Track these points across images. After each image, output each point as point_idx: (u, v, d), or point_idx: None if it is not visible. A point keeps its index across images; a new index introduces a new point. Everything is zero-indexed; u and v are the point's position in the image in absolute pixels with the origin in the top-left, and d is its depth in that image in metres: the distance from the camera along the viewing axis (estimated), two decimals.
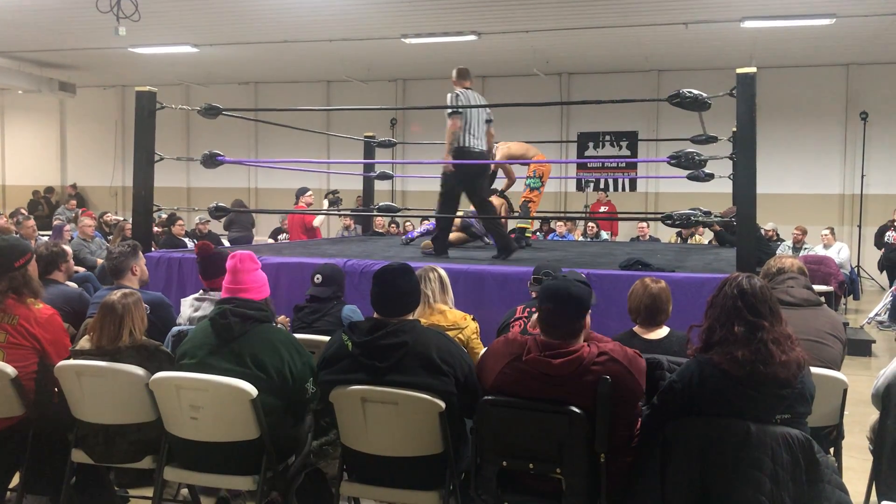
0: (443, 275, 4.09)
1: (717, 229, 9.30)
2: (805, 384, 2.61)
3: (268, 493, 3.16)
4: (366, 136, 8.68)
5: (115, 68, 15.91)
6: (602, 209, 14.18)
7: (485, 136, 6.06)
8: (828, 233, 11.48)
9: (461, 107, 5.83)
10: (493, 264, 5.25)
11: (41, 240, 8.68)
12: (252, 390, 2.98)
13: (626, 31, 11.88)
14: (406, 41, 12.47)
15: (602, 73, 15.21)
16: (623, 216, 14.40)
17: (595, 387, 2.61)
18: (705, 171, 7.02)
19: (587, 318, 2.81)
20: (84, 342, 3.36)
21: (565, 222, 13.21)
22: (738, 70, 4.75)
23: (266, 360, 3.08)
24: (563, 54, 13.65)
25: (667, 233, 12.76)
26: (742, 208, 4.83)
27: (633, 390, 2.68)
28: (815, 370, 2.85)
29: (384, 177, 8.86)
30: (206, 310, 3.96)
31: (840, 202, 14.49)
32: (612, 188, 15.60)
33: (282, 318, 4.25)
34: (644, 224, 12.41)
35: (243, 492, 3.56)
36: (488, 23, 11.54)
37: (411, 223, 12.73)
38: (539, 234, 12.37)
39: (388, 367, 2.88)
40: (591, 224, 12.70)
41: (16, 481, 3.58)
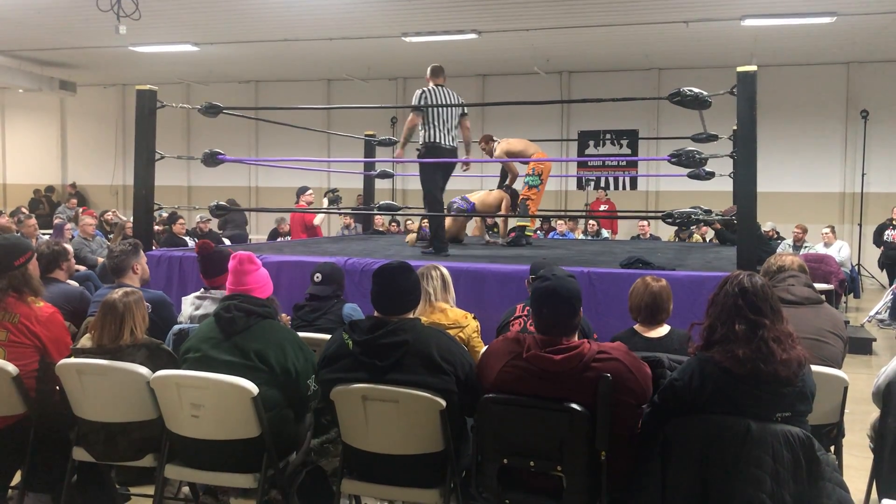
0: (445, 273, 4.10)
1: (717, 228, 9.31)
2: (806, 382, 2.61)
3: (268, 490, 3.16)
4: (366, 135, 8.68)
5: (115, 67, 15.92)
6: (602, 207, 14.18)
7: (457, 130, 6.14)
8: (828, 231, 11.48)
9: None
10: (493, 263, 5.25)
11: (42, 238, 8.69)
12: (253, 388, 2.99)
13: (627, 30, 11.88)
14: (406, 40, 12.46)
15: (603, 71, 15.21)
16: (623, 215, 14.40)
17: (595, 384, 2.62)
18: (706, 169, 7.02)
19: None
20: (85, 341, 3.36)
21: (566, 221, 13.21)
22: (739, 68, 4.75)
23: (269, 355, 3.10)
24: (563, 53, 13.65)
25: (667, 231, 12.77)
26: (743, 206, 4.83)
27: (633, 390, 2.68)
28: (815, 368, 2.84)
29: (384, 175, 8.84)
30: (207, 308, 3.96)
31: (840, 200, 14.48)
32: (612, 187, 15.59)
33: (283, 316, 4.25)
34: (645, 222, 12.41)
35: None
36: (489, 21, 11.54)
37: (411, 220, 12.71)
38: (539, 232, 12.36)
39: (389, 365, 2.88)
40: (591, 222, 12.70)
41: (17, 479, 3.59)
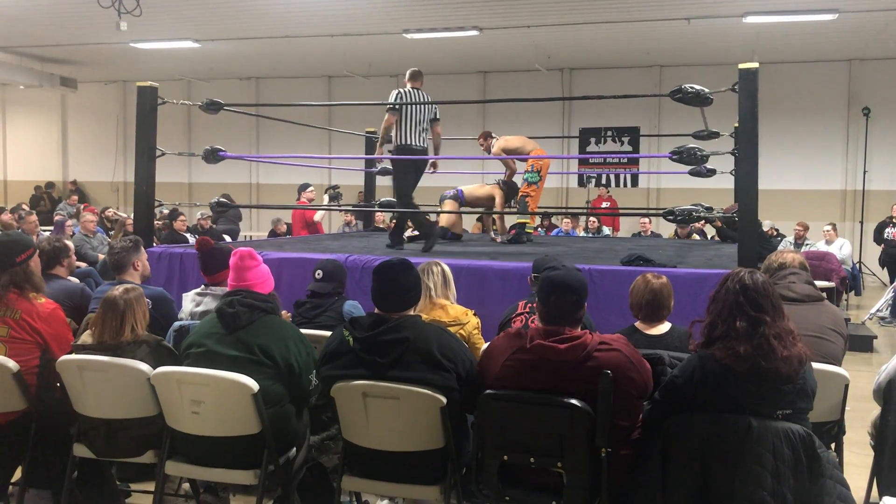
0: (445, 269, 4.09)
1: (718, 225, 9.30)
2: (807, 380, 2.61)
3: (269, 486, 3.16)
4: (367, 132, 8.68)
5: (116, 63, 15.91)
6: (604, 205, 14.17)
7: (425, 133, 6.25)
8: (829, 229, 11.47)
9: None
10: (494, 260, 5.24)
11: (43, 235, 8.69)
12: (253, 385, 2.99)
13: (629, 27, 11.86)
14: (407, 36, 12.45)
15: (604, 68, 15.18)
16: (624, 212, 14.40)
17: (597, 374, 2.63)
18: (707, 166, 7.01)
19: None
20: (86, 337, 3.36)
21: (570, 219, 13.12)
22: (741, 65, 4.75)
23: (273, 349, 3.11)
24: (564, 50, 13.63)
25: (668, 228, 12.76)
26: (744, 204, 4.82)
27: (634, 380, 2.69)
28: (816, 366, 2.84)
29: (385, 172, 8.84)
30: (208, 304, 3.97)
31: (842, 198, 14.46)
32: (613, 184, 15.58)
33: (283, 313, 4.25)
34: (646, 220, 12.41)
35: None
36: (490, 18, 11.52)
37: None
38: (540, 229, 12.35)
39: (389, 362, 2.89)
40: (592, 219, 12.69)
41: (18, 475, 3.59)
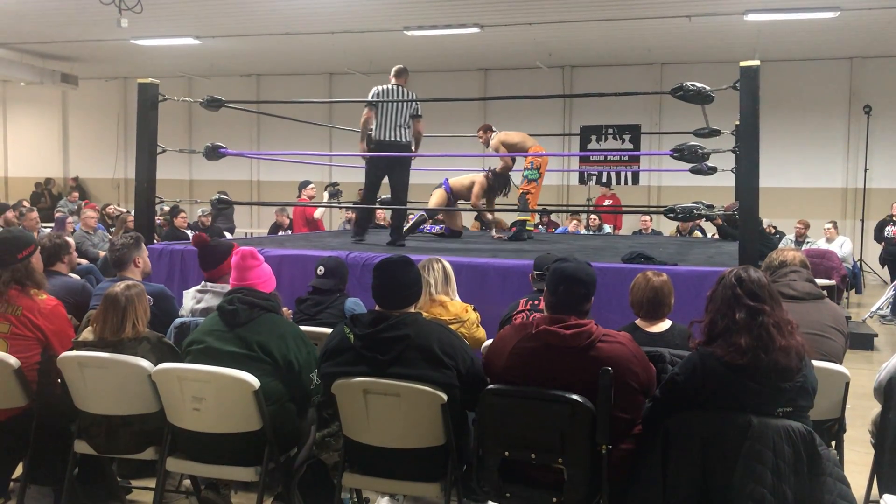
0: (446, 265, 4.09)
1: (719, 223, 9.30)
2: (807, 377, 2.61)
3: (270, 484, 3.17)
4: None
5: (117, 60, 15.90)
6: (606, 202, 14.15)
7: (406, 129, 6.29)
8: (830, 227, 11.47)
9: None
10: (495, 257, 5.24)
11: (44, 232, 8.69)
12: (254, 382, 3.00)
13: (630, 24, 11.85)
14: (408, 34, 12.44)
15: (605, 65, 15.17)
16: (625, 209, 14.38)
17: (601, 363, 2.64)
18: (708, 164, 7.01)
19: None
20: (87, 333, 3.36)
21: (575, 220, 13.03)
22: (742, 63, 4.74)
23: (272, 346, 3.12)
24: (566, 47, 13.62)
25: (669, 226, 12.75)
26: (745, 202, 4.82)
27: (636, 373, 2.71)
28: (817, 363, 2.84)
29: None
30: (209, 302, 3.97)
31: (843, 196, 14.45)
32: (614, 182, 15.56)
33: (284, 310, 4.25)
34: (647, 217, 12.40)
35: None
36: (491, 15, 11.51)
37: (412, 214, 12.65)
38: (541, 227, 12.33)
39: (390, 359, 2.89)
40: (592, 217, 12.67)
41: (19, 471, 3.60)
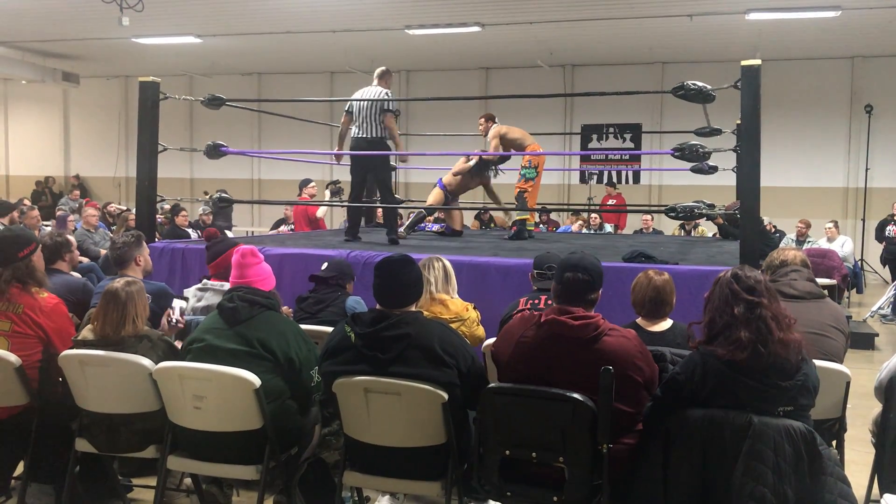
0: (447, 264, 4.09)
1: (720, 222, 9.29)
2: (809, 376, 2.61)
3: (271, 482, 3.17)
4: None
5: (118, 58, 15.90)
6: (610, 202, 14.14)
7: (376, 125, 6.41)
8: (831, 226, 11.46)
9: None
10: (495, 256, 5.24)
11: (45, 230, 8.70)
12: (255, 380, 3.00)
13: (631, 23, 11.84)
14: (410, 32, 12.43)
15: (606, 64, 15.16)
16: (627, 208, 14.37)
17: (606, 358, 2.65)
18: (709, 163, 7.01)
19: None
20: (87, 332, 3.36)
21: (580, 221, 13.00)
22: (743, 62, 4.75)
23: (272, 343, 3.12)
24: (567, 46, 13.61)
25: (670, 225, 12.74)
26: (746, 201, 4.82)
27: (640, 367, 2.72)
28: (818, 363, 2.84)
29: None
30: (209, 300, 3.98)
31: (844, 195, 14.45)
32: (615, 181, 15.55)
33: (285, 308, 4.26)
34: (648, 216, 12.40)
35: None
36: (492, 14, 11.50)
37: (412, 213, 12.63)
38: (542, 226, 12.33)
39: (391, 358, 2.89)
40: (593, 215, 12.66)
41: (20, 470, 3.60)
